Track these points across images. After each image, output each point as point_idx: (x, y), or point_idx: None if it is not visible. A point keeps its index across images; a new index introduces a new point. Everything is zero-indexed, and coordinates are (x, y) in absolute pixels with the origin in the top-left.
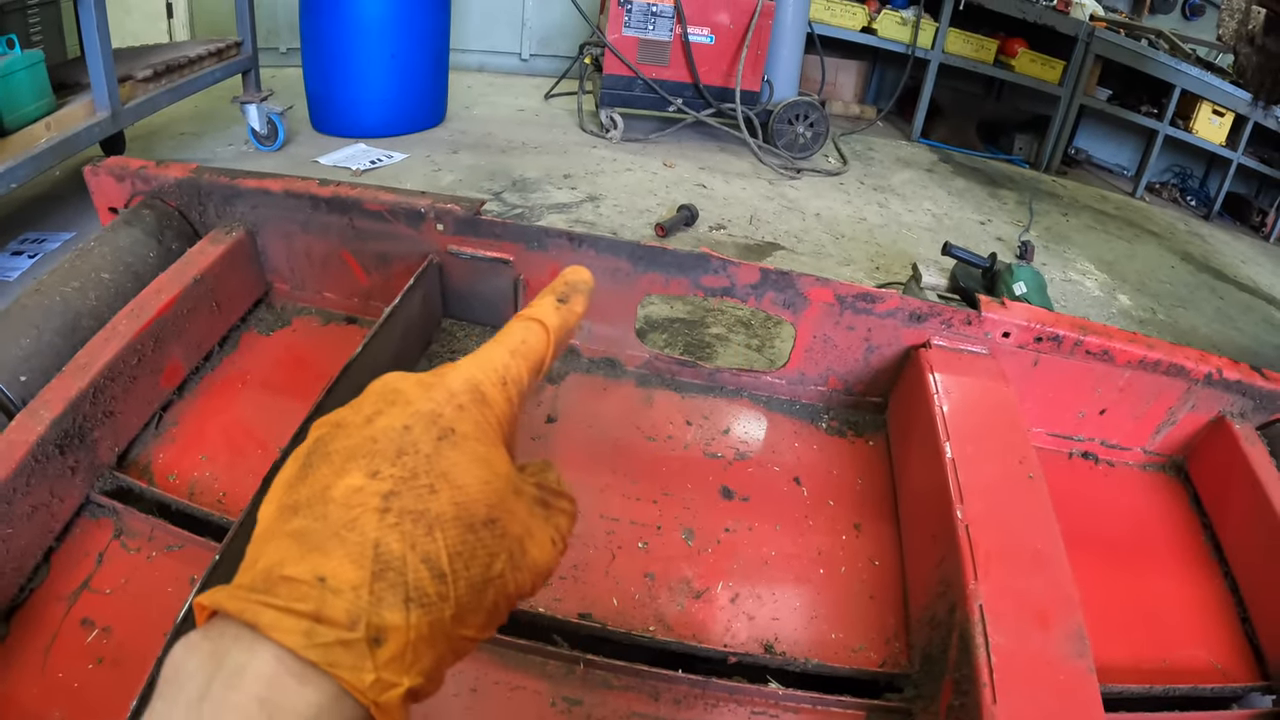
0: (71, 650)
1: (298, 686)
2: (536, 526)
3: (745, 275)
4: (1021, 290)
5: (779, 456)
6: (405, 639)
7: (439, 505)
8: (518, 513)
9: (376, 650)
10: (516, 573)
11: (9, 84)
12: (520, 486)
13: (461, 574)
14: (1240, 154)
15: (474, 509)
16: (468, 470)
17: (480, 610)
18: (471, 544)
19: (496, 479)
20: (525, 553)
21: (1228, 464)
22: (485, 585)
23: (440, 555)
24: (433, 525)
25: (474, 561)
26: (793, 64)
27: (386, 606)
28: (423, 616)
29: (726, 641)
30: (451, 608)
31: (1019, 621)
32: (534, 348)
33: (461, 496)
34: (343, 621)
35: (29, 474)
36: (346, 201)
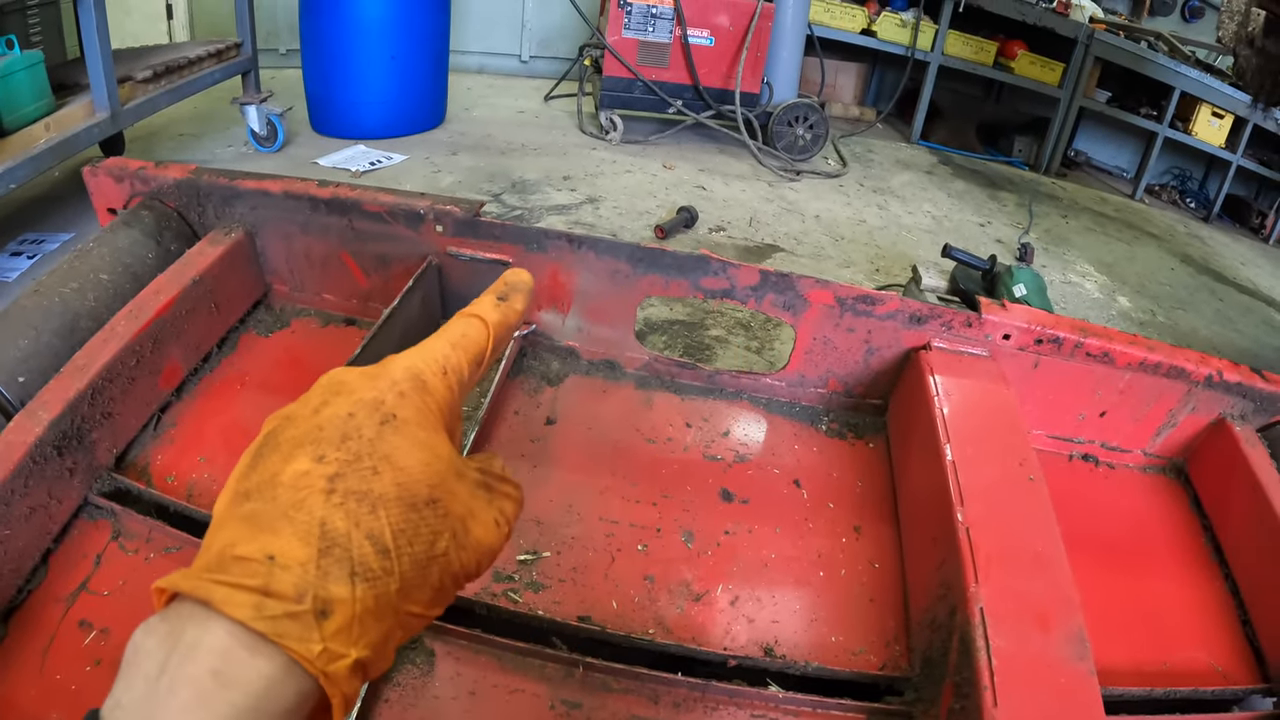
0: (69, 652)
1: (249, 658)
2: (479, 508)
3: (745, 277)
4: (1021, 292)
5: (779, 459)
6: (351, 611)
7: (382, 485)
8: (459, 494)
9: (323, 622)
10: (461, 551)
11: (8, 84)
12: (462, 470)
13: (405, 550)
14: (1240, 156)
15: (416, 489)
16: (409, 453)
17: (425, 586)
18: (414, 522)
19: (437, 460)
20: (469, 532)
21: (1228, 466)
22: (429, 562)
23: (384, 532)
24: (376, 504)
25: (417, 538)
26: (792, 66)
27: (333, 580)
28: (368, 590)
29: (726, 644)
30: (396, 582)
31: (1020, 624)
32: (474, 340)
33: (403, 477)
34: (290, 595)
35: (27, 475)
36: (346, 203)
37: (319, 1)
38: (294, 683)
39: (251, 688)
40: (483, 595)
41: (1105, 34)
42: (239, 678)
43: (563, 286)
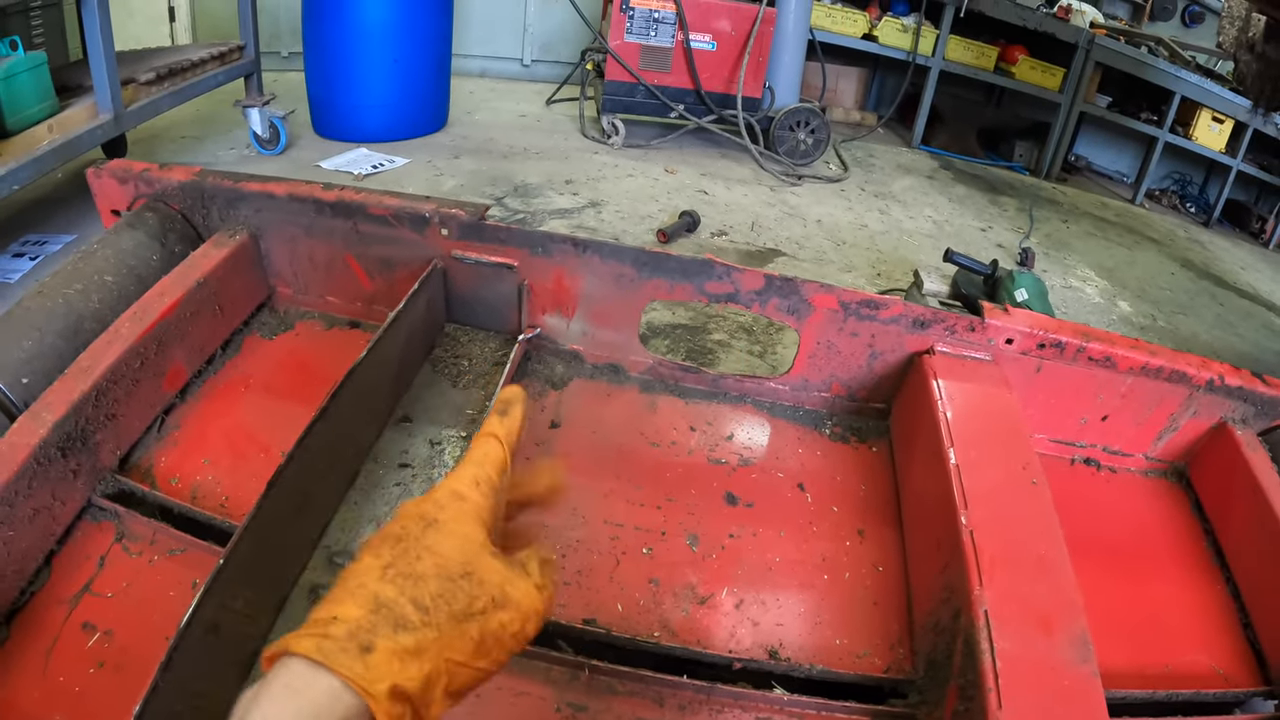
0: (72, 654)
1: (313, 676)
2: (516, 577)
3: (750, 281)
4: (1023, 297)
5: (782, 463)
6: (390, 649)
7: (423, 566)
8: (495, 567)
9: (366, 655)
10: (500, 610)
11: (12, 86)
12: (497, 552)
13: (442, 608)
14: (1240, 161)
15: (451, 566)
16: (446, 542)
17: (465, 638)
18: (450, 589)
19: (471, 545)
20: (507, 595)
21: (1229, 470)
22: (466, 618)
23: (424, 597)
24: (419, 578)
25: (454, 600)
26: (794, 71)
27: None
28: (407, 636)
29: (731, 647)
30: (434, 632)
31: (1023, 627)
32: (494, 454)
33: (441, 560)
34: (342, 636)
35: (31, 477)
36: (351, 206)
37: (322, 5)
38: (347, 698)
39: (314, 696)
40: None
41: (1106, 39)
42: (305, 689)
43: (567, 291)
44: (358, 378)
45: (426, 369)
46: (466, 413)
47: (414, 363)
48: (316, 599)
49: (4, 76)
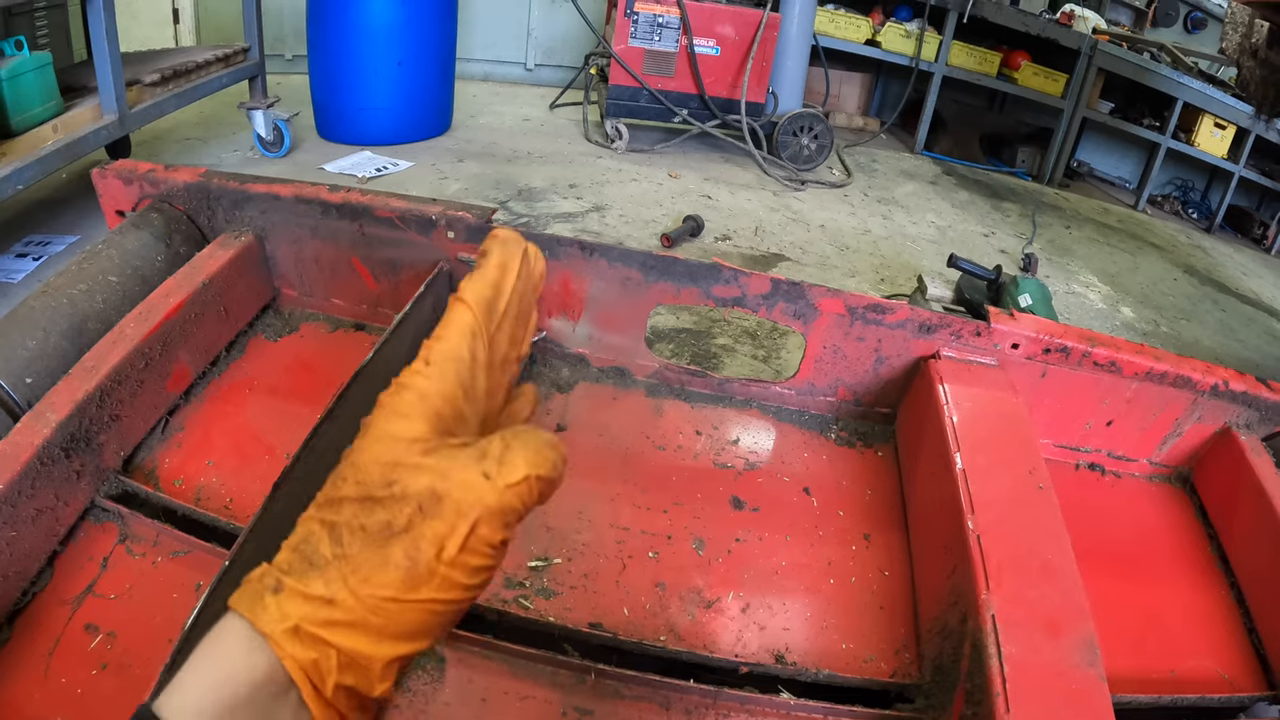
0: (75, 655)
1: (232, 621)
2: (458, 470)
3: (756, 285)
4: (1027, 302)
5: (788, 467)
6: (298, 590)
7: (345, 488)
8: (424, 466)
9: (275, 596)
10: (433, 521)
11: (17, 85)
12: (434, 445)
13: (356, 535)
14: (1242, 167)
15: (370, 478)
16: (367, 449)
17: (390, 567)
18: (368, 508)
19: (395, 445)
20: (440, 498)
21: (1233, 475)
22: (387, 539)
23: (339, 523)
24: (340, 504)
25: (370, 520)
26: (797, 76)
27: (291, 569)
28: (318, 575)
29: (738, 651)
30: (347, 565)
31: (1030, 631)
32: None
33: (360, 474)
34: (254, 578)
35: (34, 477)
36: (357, 208)
37: (327, 7)
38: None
39: (230, 642)
40: (493, 601)
41: (1108, 45)
42: (222, 636)
43: (574, 294)
44: (364, 380)
45: None
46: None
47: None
48: None
49: (9, 76)
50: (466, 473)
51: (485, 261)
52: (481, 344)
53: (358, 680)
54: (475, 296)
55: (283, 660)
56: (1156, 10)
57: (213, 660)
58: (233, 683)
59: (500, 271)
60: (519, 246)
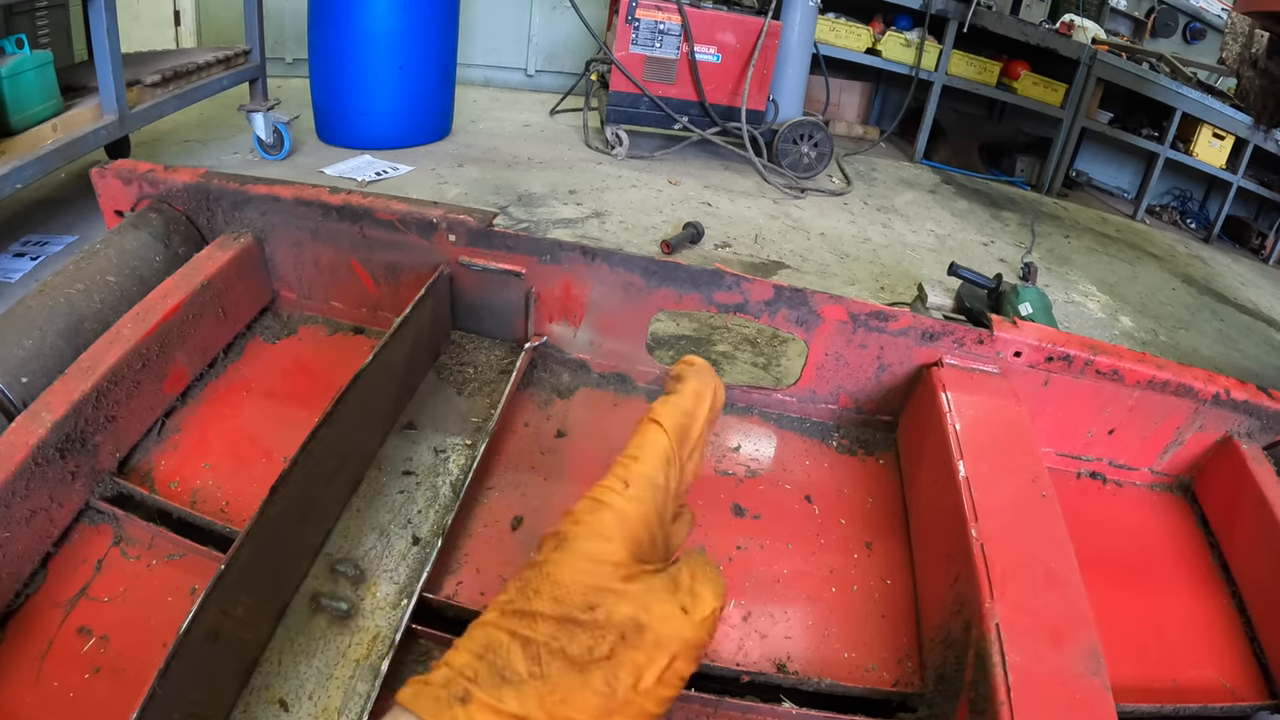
0: (68, 658)
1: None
2: (656, 602)
3: (759, 292)
4: (1027, 311)
5: (790, 474)
6: (488, 704)
7: (540, 603)
8: (627, 594)
9: (461, 706)
10: (633, 649)
11: (18, 84)
12: (635, 574)
13: (555, 656)
14: (1240, 177)
15: (571, 599)
16: (568, 566)
17: (588, 691)
18: (568, 630)
19: (597, 568)
20: (643, 628)
21: (1235, 484)
22: (588, 665)
23: (536, 640)
24: (535, 618)
25: (571, 644)
26: (798, 84)
27: (479, 679)
28: (509, 692)
29: (739, 660)
30: (544, 685)
31: (1035, 640)
32: (650, 444)
33: (559, 592)
34: (439, 683)
35: (29, 477)
36: (357, 210)
37: (328, 11)
38: None
39: None
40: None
41: (1107, 55)
42: None
43: (575, 299)
44: (362, 383)
45: (431, 376)
46: (471, 420)
47: (419, 369)
48: (317, 607)
49: (10, 74)
50: (666, 606)
51: (681, 387)
52: (675, 471)
53: None
54: (671, 422)
55: None
56: (1156, 21)
57: None
58: None
59: (695, 400)
60: (713, 378)
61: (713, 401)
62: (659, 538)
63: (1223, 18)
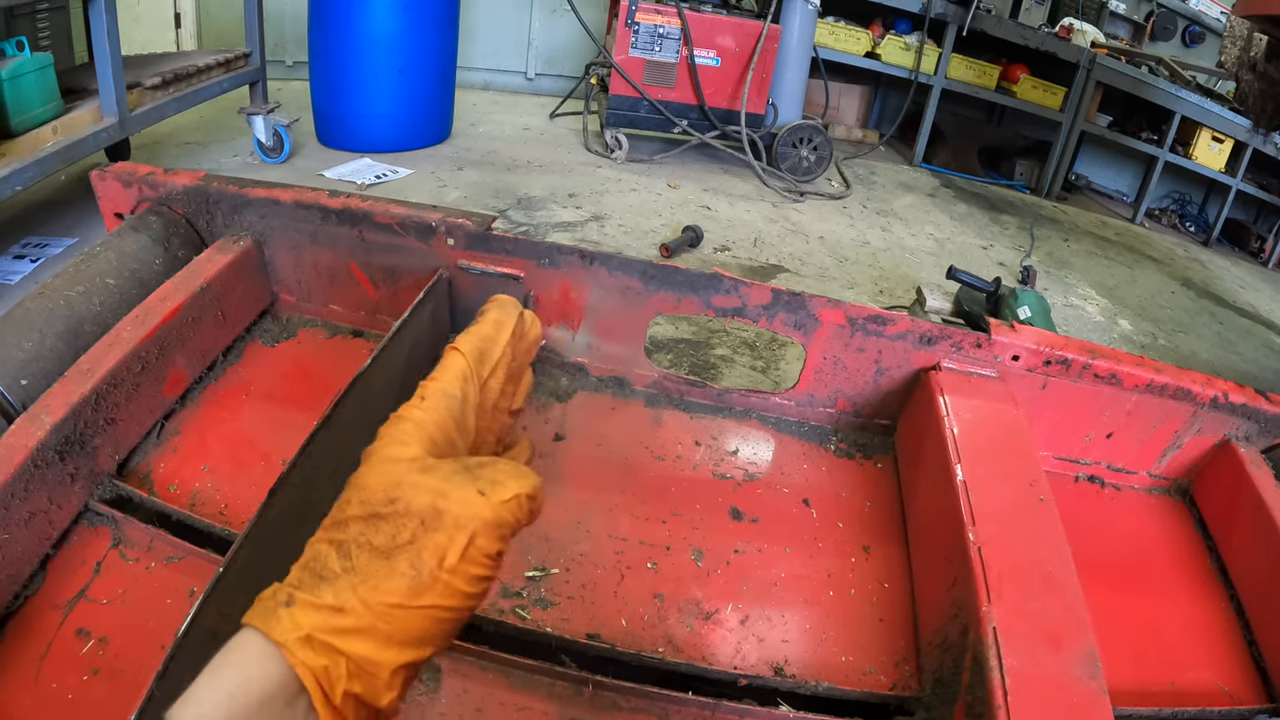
0: (66, 660)
1: (245, 638)
2: (453, 488)
3: (757, 296)
4: (1026, 314)
5: (788, 478)
6: (309, 602)
7: (350, 509)
8: (423, 484)
9: (287, 609)
10: (433, 531)
11: (18, 86)
12: (431, 465)
13: (363, 549)
14: (1239, 180)
15: (374, 498)
16: (370, 473)
17: (396, 576)
18: (373, 524)
19: (395, 466)
20: (440, 512)
21: (1233, 487)
22: (392, 552)
23: (347, 541)
24: (346, 523)
25: (376, 535)
26: (797, 88)
27: (302, 584)
28: (329, 587)
29: (736, 663)
30: (355, 577)
31: (1032, 643)
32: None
33: (364, 495)
34: (266, 595)
35: (28, 479)
36: (357, 214)
37: (328, 14)
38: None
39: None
40: (490, 611)
41: (1107, 59)
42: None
43: (573, 302)
44: (361, 386)
45: None
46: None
47: (418, 372)
48: None
49: (10, 76)
50: (463, 490)
51: (482, 318)
52: (473, 387)
53: (365, 688)
54: (468, 346)
55: (294, 667)
56: (1155, 24)
57: (226, 670)
58: (245, 692)
59: (494, 328)
60: (515, 309)
61: (519, 328)
62: (459, 444)
63: (1221, 21)
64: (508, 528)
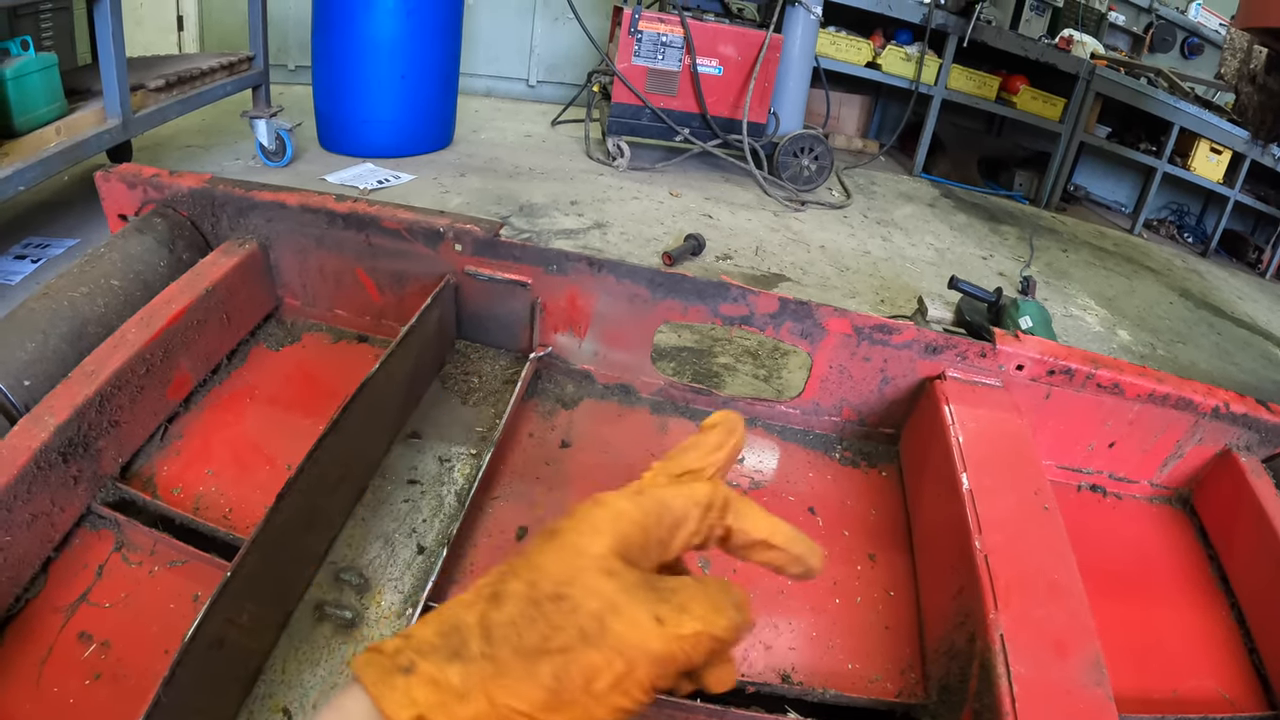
0: (67, 664)
1: (356, 694)
2: (627, 605)
3: (764, 304)
4: (1027, 324)
5: (793, 486)
6: (431, 676)
7: (513, 585)
8: (599, 590)
9: (404, 677)
10: (590, 648)
11: (22, 85)
12: (615, 570)
13: (509, 639)
14: (1237, 191)
15: (542, 585)
16: (550, 554)
17: (533, 682)
18: (530, 615)
19: (578, 558)
20: (605, 629)
21: (1234, 497)
22: (539, 654)
23: (496, 623)
24: (502, 600)
25: (529, 629)
26: (799, 97)
27: (432, 653)
28: (455, 667)
29: (744, 671)
30: (490, 666)
31: (1038, 651)
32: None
33: (535, 575)
34: (389, 653)
35: (30, 481)
36: (363, 218)
37: (331, 19)
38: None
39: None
40: None
41: (1106, 70)
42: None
43: (580, 310)
44: (368, 392)
45: (436, 385)
46: (476, 430)
47: (424, 379)
48: (322, 615)
49: (14, 76)
50: (638, 611)
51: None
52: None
53: None
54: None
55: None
56: (1154, 36)
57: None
58: None
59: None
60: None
61: None
62: (653, 549)
63: (1221, 33)
64: (678, 666)
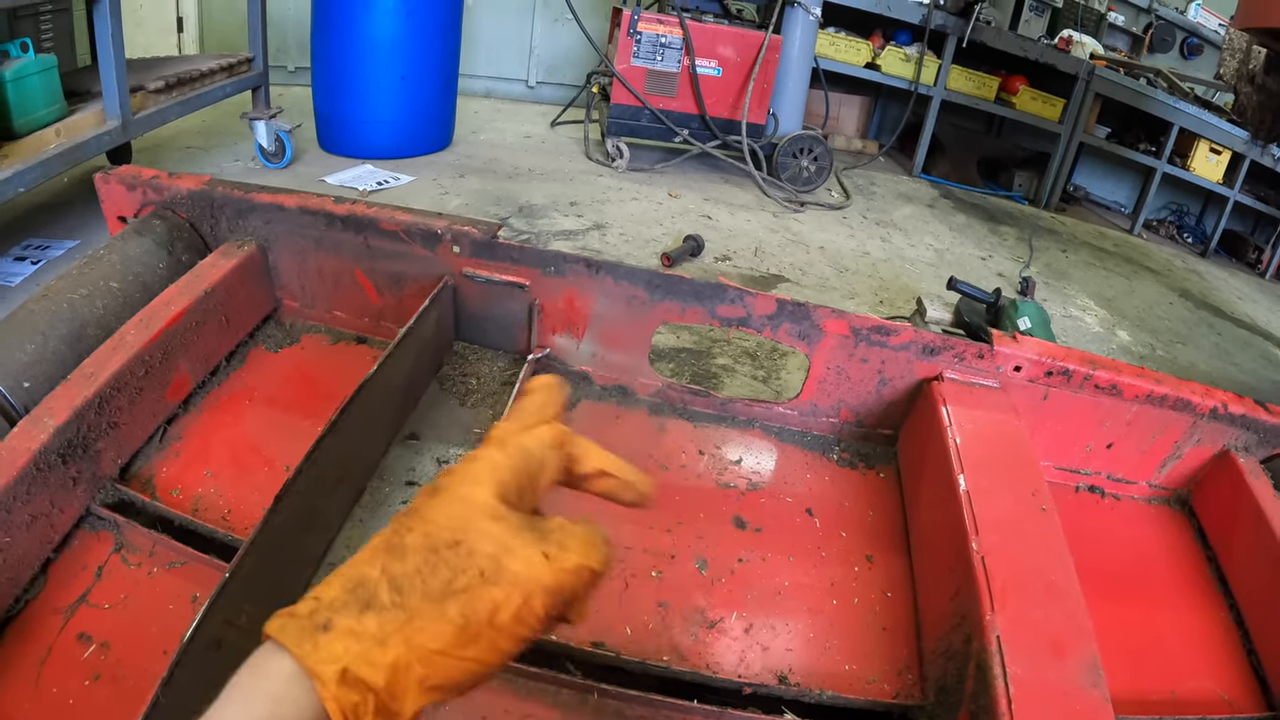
0: (67, 665)
1: (276, 656)
2: (519, 544)
3: (762, 306)
4: (1026, 325)
5: (791, 487)
6: (349, 629)
7: (410, 539)
8: (492, 533)
9: (323, 634)
10: (490, 585)
11: (22, 87)
12: (501, 514)
13: (416, 586)
14: (1237, 191)
15: (439, 535)
16: (440, 508)
17: (444, 621)
18: (430, 562)
19: (467, 507)
20: (502, 567)
21: (1232, 497)
22: (446, 596)
23: (400, 573)
24: (402, 552)
25: (432, 576)
26: (798, 98)
27: (344, 608)
28: (370, 618)
29: (741, 672)
30: (403, 614)
31: (1035, 652)
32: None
33: (430, 528)
34: (304, 614)
35: (30, 482)
36: (362, 220)
37: (331, 20)
38: (303, 680)
39: (272, 676)
40: None
41: (1105, 70)
42: (265, 668)
43: (578, 311)
44: (366, 394)
45: (434, 387)
46: (474, 431)
47: (422, 380)
48: None
49: (14, 78)
50: (529, 549)
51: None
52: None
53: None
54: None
55: (325, 701)
56: (1153, 36)
57: (256, 695)
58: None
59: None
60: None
61: None
62: (528, 493)
63: (1220, 33)
64: (565, 595)
